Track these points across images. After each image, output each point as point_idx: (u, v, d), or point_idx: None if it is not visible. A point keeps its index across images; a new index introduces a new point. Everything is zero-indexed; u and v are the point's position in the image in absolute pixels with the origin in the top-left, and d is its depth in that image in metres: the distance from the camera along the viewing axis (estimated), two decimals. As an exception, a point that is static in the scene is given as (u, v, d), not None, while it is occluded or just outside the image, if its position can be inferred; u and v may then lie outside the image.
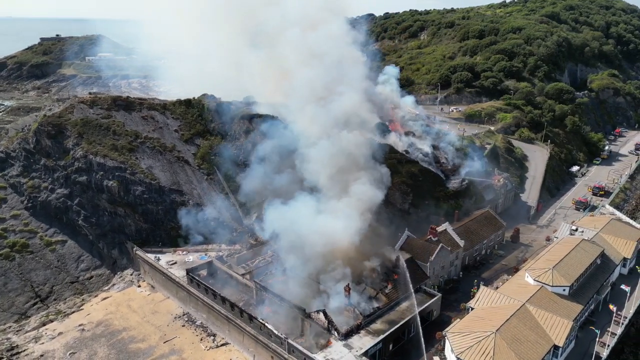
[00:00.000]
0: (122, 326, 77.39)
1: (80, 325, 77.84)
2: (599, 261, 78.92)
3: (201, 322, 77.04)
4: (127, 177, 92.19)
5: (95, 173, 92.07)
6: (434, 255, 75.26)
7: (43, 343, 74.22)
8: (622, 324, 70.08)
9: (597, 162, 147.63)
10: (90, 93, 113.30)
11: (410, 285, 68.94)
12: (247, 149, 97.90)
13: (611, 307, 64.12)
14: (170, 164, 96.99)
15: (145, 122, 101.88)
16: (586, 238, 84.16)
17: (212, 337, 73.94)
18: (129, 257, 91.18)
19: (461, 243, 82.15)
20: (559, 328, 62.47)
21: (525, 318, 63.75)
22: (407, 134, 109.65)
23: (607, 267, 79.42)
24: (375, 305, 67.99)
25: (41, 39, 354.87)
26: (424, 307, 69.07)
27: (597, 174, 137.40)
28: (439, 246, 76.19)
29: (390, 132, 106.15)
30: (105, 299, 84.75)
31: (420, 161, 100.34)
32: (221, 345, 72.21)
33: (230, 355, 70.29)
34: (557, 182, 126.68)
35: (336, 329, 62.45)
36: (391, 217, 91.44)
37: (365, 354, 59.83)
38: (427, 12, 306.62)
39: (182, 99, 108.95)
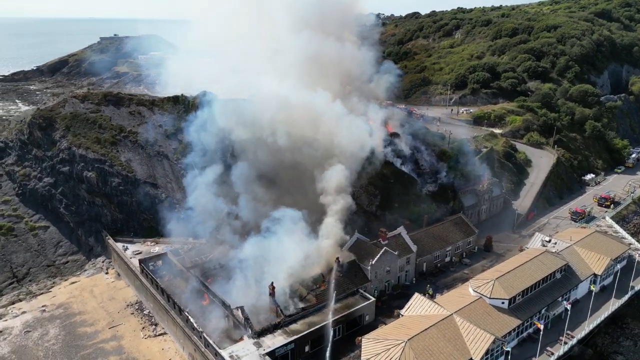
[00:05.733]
0: (79, 310, 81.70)
1: (43, 306, 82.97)
2: (558, 275, 73.73)
3: (148, 312, 79.80)
4: (105, 169, 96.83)
5: (77, 164, 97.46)
6: (375, 259, 73.38)
7: (6, 320, 79.80)
8: (565, 343, 65.20)
9: (619, 171, 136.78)
10: (88, 89, 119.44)
11: (332, 288, 67.72)
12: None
13: (538, 324, 59.86)
14: (150, 157, 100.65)
15: (132, 117, 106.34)
16: (554, 250, 78.88)
17: (153, 327, 76.40)
18: (103, 245, 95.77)
19: (414, 248, 79.46)
20: (479, 342, 59.23)
21: (446, 329, 60.93)
22: (392, 135, 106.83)
23: (568, 282, 73.99)
24: (301, 305, 67.50)
25: (100, 38, 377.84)
26: (351, 310, 67.64)
27: (614, 184, 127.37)
28: (382, 250, 74.14)
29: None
30: (73, 283, 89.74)
31: (395, 163, 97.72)
32: (159, 335, 74.55)
33: (164, 345, 72.40)
34: (561, 190, 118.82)
35: (250, 326, 62.65)
36: (355, 218, 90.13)
37: (272, 353, 59.61)
38: (471, 10, 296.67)
39: (171, 95, 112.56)
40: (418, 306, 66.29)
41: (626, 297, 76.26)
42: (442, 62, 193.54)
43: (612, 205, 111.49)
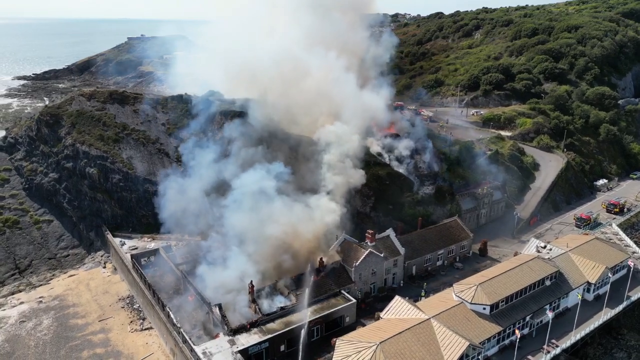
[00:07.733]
0: (73, 302, 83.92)
1: (40, 297, 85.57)
2: (548, 282, 71.72)
3: (138, 306, 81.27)
4: (107, 165, 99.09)
5: (80, 160, 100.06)
6: (359, 261, 72.91)
7: (4, 310, 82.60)
8: (548, 352, 63.39)
9: (635, 177, 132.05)
10: (96, 87, 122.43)
11: (306, 290, 67.55)
12: (222, 144, 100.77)
13: (517, 331, 58.30)
14: (151, 155, 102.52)
15: (136, 115, 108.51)
16: (547, 257, 76.79)
17: (141, 321, 77.77)
18: (103, 240, 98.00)
19: (402, 251, 78.57)
20: (453, 347, 58.19)
21: (421, 333, 60.06)
22: (392, 136, 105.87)
23: (558, 290, 71.87)
24: (280, 305, 67.68)
25: (128, 38, 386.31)
26: (330, 311, 67.40)
27: (628, 190, 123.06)
28: (367, 252, 73.61)
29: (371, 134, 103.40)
30: (71, 276, 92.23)
31: (392, 164, 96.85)
32: (145, 330, 75.82)
33: (148, 340, 73.62)
34: (569, 195, 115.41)
35: (226, 324, 63.16)
36: (348, 219, 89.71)
37: (244, 351, 59.94)
38: (494, 10, 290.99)
39: (175, 94, 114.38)
40: (398, 309, 65.56)
41: (619, 308, 73.52)
42: (458, 63, 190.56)
43: (625, 210, 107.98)
